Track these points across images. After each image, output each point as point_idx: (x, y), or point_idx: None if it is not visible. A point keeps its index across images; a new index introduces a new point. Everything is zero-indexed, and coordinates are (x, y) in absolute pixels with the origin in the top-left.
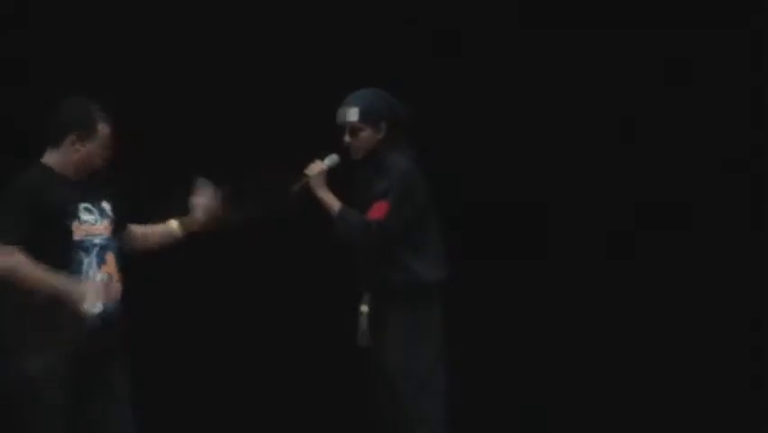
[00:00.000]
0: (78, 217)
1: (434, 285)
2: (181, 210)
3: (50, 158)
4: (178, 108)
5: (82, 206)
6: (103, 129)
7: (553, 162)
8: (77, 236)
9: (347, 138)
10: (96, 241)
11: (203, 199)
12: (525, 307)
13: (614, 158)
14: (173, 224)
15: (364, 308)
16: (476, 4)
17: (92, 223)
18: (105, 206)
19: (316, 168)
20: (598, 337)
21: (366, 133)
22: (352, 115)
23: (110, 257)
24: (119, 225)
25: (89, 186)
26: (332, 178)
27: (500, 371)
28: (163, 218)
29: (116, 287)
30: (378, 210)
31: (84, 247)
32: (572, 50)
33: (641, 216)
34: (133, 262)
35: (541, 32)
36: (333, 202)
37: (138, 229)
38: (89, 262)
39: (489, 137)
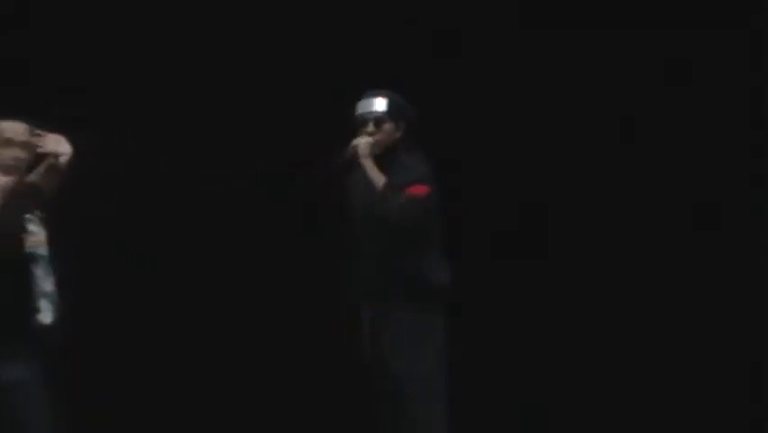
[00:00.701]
0: (26, 228)
1: (439, 287)
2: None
3: None
4: (179, 108)
5: (27, 216)
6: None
7: (552, 162)
8: (27, 248)
9: (370, 128)
10: (41, 252)
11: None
12: (525, 307)
13: (614, 158)
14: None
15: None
16: (476, 4)
17: (36, 234)
18: (41, 216)
19: (363, 139)
20: (599, 338)
21: (389, 127)
22: (381, 105)
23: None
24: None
25: (25, 196)
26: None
27: (500, 371)
28: None
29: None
30: (419, 189)
31: (33, 258)
32: (572, 50)
33: (641, 217)
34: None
35: (541, 32)
36: (377, 173)
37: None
38: (39, 273)
39: (488, 137)
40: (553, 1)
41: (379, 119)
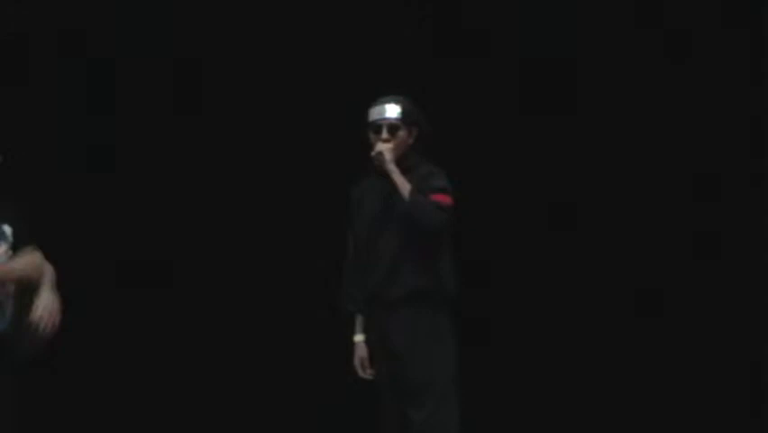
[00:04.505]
0: None
1: (451, 292)
2: None
3: None
4: (179, 109)
5: None
6: None
7: (553, 162)
8: None
9: (385, 135)
10: None
11: None
12: (526, 309)
13: (615, 159)
14: None
15: (359, 338)
16: (476, 4)
17: None
18: (6, 229)
19: (385, 146)
20: (599, 339)
21: (403, 134)
22: (395, 111)
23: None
24: (16, 251)
25: None
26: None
27: (504, 375)
28: None
29: (11, 310)
30: (444, 198)
31: None
32: (573, 49)
33: (644, 219)
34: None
35: (541, 31)
36: (403, 179)
37: None
38: None
39: (488, 137)
40: (553, 1)
41: (393, 126)
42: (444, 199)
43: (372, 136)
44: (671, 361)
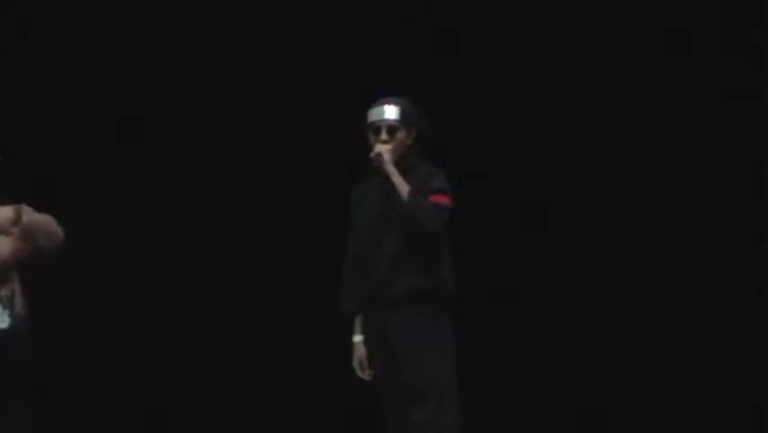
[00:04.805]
0: None
1: (451, 292)
2: None
3: None
4: (178, 111)
5: None
6: None
7: (554, 162)
8: None
9: (384, 136)
10: None
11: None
12: (527, 308)
13: (615, 159)
14: None
15: (358, 339)
16: (476, 4)
17: None
18: None
19: (383, 147)
20: (601, 342)
21: (402, 135)
22: (393, 113)
23: (12, 274)
24: None
25: None
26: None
27: (502, 374)
28: None
29: (20, 302)
30: (442, 199)
31: None
32: (573, 49)
33: (642, 219)
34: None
35: (540, 30)
36: (402, 180)
37: None
38: None
39: (488, 137)
40: (553, 0)
41: (392, 127)
42: (443, 200)
43: (371, 137)
44: (668, 361)
